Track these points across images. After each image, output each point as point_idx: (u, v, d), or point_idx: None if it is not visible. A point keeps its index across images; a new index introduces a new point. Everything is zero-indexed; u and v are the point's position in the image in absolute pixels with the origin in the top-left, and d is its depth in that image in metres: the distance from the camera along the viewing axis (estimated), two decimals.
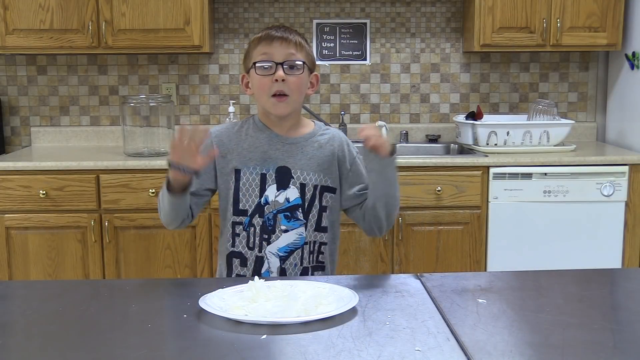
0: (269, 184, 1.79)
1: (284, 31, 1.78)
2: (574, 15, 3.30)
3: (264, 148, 1.81)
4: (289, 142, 1.82)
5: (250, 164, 1.80)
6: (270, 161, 1.80)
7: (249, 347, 1.22)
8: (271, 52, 1.75)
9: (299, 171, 1.80)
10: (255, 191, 1.79)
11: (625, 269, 2.85)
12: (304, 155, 1.81)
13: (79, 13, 3.20)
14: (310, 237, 1.82)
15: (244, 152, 1.81)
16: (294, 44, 1.77)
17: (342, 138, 1.89)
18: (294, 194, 1.80)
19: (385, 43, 3.64)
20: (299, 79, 1.77)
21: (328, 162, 1.83)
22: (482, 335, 1.27)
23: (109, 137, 3.63)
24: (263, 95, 1.77)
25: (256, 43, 1.78)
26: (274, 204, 1.79)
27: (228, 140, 1.83)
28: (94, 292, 1.59)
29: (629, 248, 3.12)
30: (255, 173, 1.79)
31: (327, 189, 1.83)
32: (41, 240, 3.04)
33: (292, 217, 1.80)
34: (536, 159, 3.07)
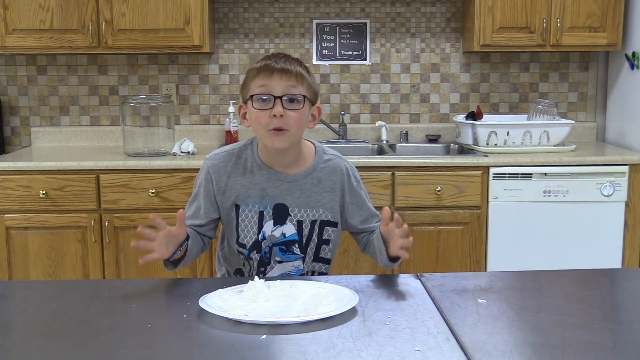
0: (266, 220, 1.77)
1: (285, 62, 1.68)
2: (574, 15, 3.30)
3: (262, 185, 1.77)
4: (287, 180, 1.77)
5: (249, 201, 1.77)
6: (268, 198, 1.77)
7: (249, 347, 1.22)
8: (270, 84, 1.66)
9: (297, 209, 1.77)
10: (254, 228, 1.78)
11: (625, 269, 2.85)
12: (302, 193, 1.77)
13: (79, 13, 3.20)
14: (308, 268, 1.83)
15: (243, 189, 1.77)
16: (295, 75, 1.67)
17: (343, 169, 1.83)
18: (290, 230, 1.78)
19: (385, 43, 3.64)
20: (299, 114, 1.68)
21: (328, 197, 1.80)
22: (482, 335, 1.27)
23: (109, 137, 3.63)
24: (260, 129, 1.69)
25: (254, 74, 1.69)
26: (270, 238, 1.78)
27: (226, 176, 1.79)
28: (94, 292, 1.59)
29: (629, 248, 3.11)
30: (254, 211, 1.77)
31: (328, 223, 1.81)
32: (41, 240, 3.04)
33: (287, 251, 1.79)
34: (536, 159, 3.07)
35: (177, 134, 3.46)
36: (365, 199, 1.86)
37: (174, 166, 3.03)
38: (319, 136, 3.62)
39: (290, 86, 1.67)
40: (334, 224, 1.82)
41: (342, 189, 1.82)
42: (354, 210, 1.83)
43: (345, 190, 1.82)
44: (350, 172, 1.84)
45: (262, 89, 1.67)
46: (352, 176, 1.84)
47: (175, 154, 3.21)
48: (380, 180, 3.04)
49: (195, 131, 3.63)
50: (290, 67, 1.67)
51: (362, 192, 1.86)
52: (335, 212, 1.81)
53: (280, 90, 1.66)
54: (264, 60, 1.70)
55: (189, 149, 3.22)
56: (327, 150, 1.84)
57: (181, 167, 3.02)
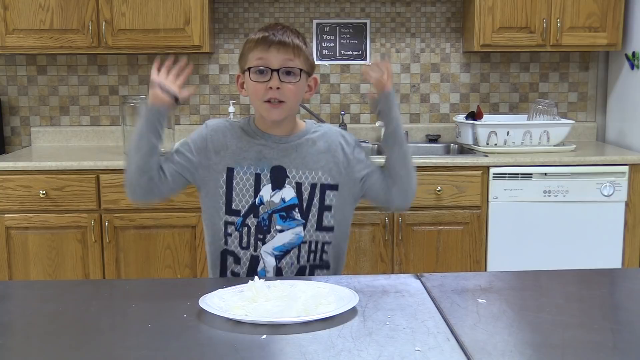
0: (263, 184, 1.76)
1: (282, 34, 1.71)
2: (574, 15, 3.30)
3: (258, 148, 1.78)
4: (283, 141, 1.79)
5: (244, 163, 1.77)
6: (265, 161, 1.77)
7: (249, 347, 1.22)
8: (267, 57, 1.70)
9: (294, 170, 1.77)
10: (250, 191, 1.76)
11: (625, 269, 2.85)
12: (298, 154, 1.79)
13: (79, 13, 3.20)
14: (310, 237, 1.79)
15: (238, 151, 1.78)
16: (292, 48, 1.70)
17: (336, 131, 1.87)
18: (289, 194, 1.77)
19: (385, 43, 3.64)
20: (295, 87, 1.72)
21: (325, 160, 1.80)
22: (482, 335, 1.27)
23: (109, 137, 3.63)
24: (257, 100, 1.74)
25: (252, 46, 1.72)
26: (269, 204, 1.76)
27: (223, 136, 1.80)
28: (94, 292, 1.59)
29: (629, 248, 3.12)
30: (250, 173, 1.76)
31: (328, 187, 1.80)
32: (41, 240, 3.04)
33: (287, 217, 1.77)
34: (536, 159, 3.07)
35: (177, 134, 3.46)
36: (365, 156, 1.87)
37: None
38: None
39: (287, 59, 1.70)
40: (334, 187, 1.80)
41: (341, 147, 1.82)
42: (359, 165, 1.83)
43: (344, 147, 1.83)
44: (343, 133, 1.88)
45: (260, 61, 1.70)
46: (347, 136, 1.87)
47: None
48: None
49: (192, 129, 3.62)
50: (287, 40, 1.70)
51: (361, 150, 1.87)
52: (335, 174, 1.80)
53: (277, 63, 1.70)
54: (262, 32, 1.73)
55: None
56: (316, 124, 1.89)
57: None
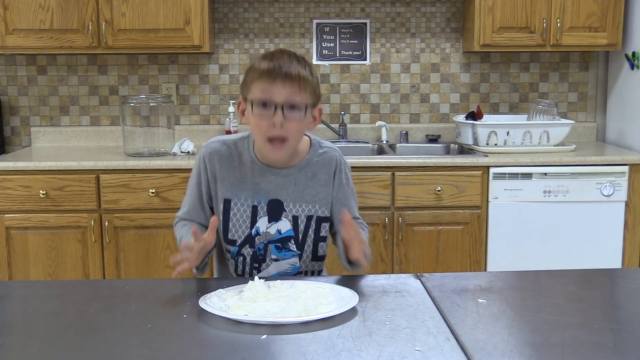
0: (260, 215, 1.74)
1: (289, 65, 1.61)
2: (574, 15, 3.30)
3: (256, 180, 1.74)
4: (282, 174, 1.74)
5: (241, 195, 1.74)
6: (262, 193, 1.74)
7: (249, 347, 1.22)
8: (272, 90, 1.60)
9: (292, 204, 1.75)
10: (246, 222, 1.75)
11: (625, 269, 2.85)
12: (296, 187, 1.75)
13: (79, 13, 3.20)
14: (305, 267, 1.81)
15: (235, 182, 1.74)
16: (298, 81, 1.61)
17: (337, 161, 1.80)
18: (286, 226, 1.75)
19: (385, 43, 3.64)
20: (299, 123, 1.64)
21: (322, 192, 1.77)
22: (482, 335, 1.27)
23: (109, 137, 3.63)
24: (259, 136, 1.66)
25: (257, 77, 1.62)
26: (265, 234, 1.75)
27: (220, 165, 1.76)
28: (94, 292, 1.59)
29: (629, 248, 3.11)
30: (247, 205, 1.74)
31: (323, 219, 1.78)
32: (41, 240, 3.04)
33: (283, 248, 1.77)
34: (536, 159, 3.07)
35: (177, 134, 3.46)
36: (351, 198, 1.82)
37: (174, 166, 3.03)
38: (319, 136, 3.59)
39: (293, 93, 1.61)
40: (328, 219, 1.79)
41: (333, 182, 1.79)
42: (337, 206, 1.79)
43: (335, 183, 1.79)
44: (342, 166, 1.81)
45: (264, 95, 1.61)
46: (343, 171, 1.81)
47: (175, 154, 3.21)
48: (380, 180, 3.04)
49: (195, 131, 3.63)
50: (293, 72, 1.60)
51: (348, 190, 1.82)
52: (329, 206, 1.79)
53: (282, 97, 1.61)
54: (267, 62, 1.62)
55: (189, 149, 3.22)
56: (322, 143, 1.82)
57: (181, 167, 3.02)
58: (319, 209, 1.77)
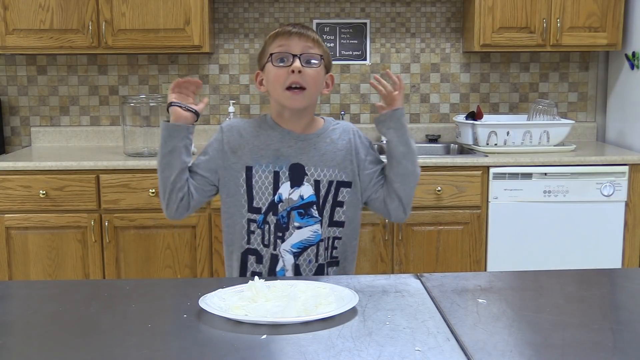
0: (282, 181, 1.77)
1: (301, 27, 1.78)
2: (574, 15, 3.30)
3: (276, 145, 1.78)
4: (302, 138, 1.80)
5: (262, 161, 1.77)
6: (283, 158, 1.77)
7: (249, 347, 1.22)
8: (289, 44, 1.74)
9: (313, 168, 1.78)
10: (269, 189, 1.77)
11: (625, 269, 2.85)
12: (317, 151, 1.79)
13: (79, 13, 3.20)
14: (325, 234, 1.81)
15: (256, 149, 1.79)
16: (312, 39, 1.76)
17: (354, 130, 1.89)
18: (308, 191, 1.78)
19: (385, 43, 3.64)
20: (316, 72, 1.75)
21: (342, 157, 1.81)
22: (482, 335, 1.27)
23: (109, 137, 3.64)
24: (278, 87, 1.74)
25: (273, 38, 1.77)
26: (288, 201, 1.77)
27: (239, 135, 1.82)
28: (94, 292, 1.59)
29: (629, 248, 3.12)
30: (268, 171, 1.77)
31: (343, 184, 1.81)
32: (41, 240, 3.04)
33: (305, 214, 1.78)
34: (536, 159, 3.07)
35: None
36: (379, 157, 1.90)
37: None
38: None
39: (308, 47, 1.75)
40: (348, 184, 1.81)
41: (357, 147, 1.85)
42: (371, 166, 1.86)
43: (359, 147, 1.85)
44: (360, 133, 1.91)
45: (282, 48, 1.74)
46: (362, 137, 1.90)
47: None
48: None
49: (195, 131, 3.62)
50: (307, 32, 1.76)
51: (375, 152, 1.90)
52: (350, 172, 1.82)
53: (299, 49, 1.74)
54: (282, 27, 1.79)
55: None
56: (335, 120, 1.91)
57: None
58: (339, 173, 1.80)
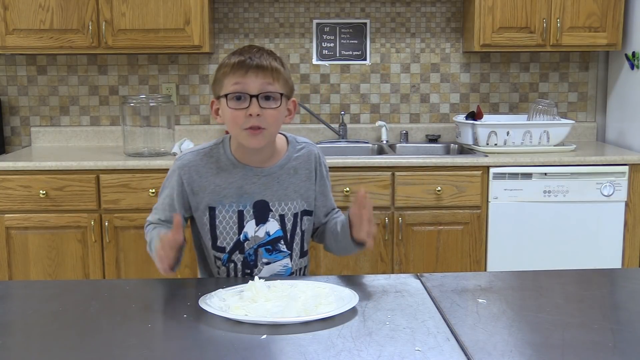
0: (247, 220, 1.71)
1: (259, 57, 1.61)
2: (574, 15, 3.30)
3: (238, 183, 1.70)
4: (264, 174, 1.72)
5: (225, 201, 1.70)
6: (247, 196, 1.70)
7: (249, 347, 1.22)
8: (245, 82, 1.59)
9: (277, 203, 1.72)
10: (234, 228, 1.71)
11: (625, 269, 2.85)
12: (280, 185, 1.73)
13: (79, 13, 3.20)
14: (295, 266, 1.78)
15: (218, 189, 1.70)
16: (270, 72, 1.60)
17: (316, 155, 1.80)
18: (274, 227, 1.72)
19: (385, 43, 3.64)
20: (276, 112, 1.63)
21: (305, 187, 1.76)
22: (482, 335, 1.27)
23: (109, 137, 3.64)
24: (236, 127, 1.63)
25: (228, 70, 1.61)
26: (254, 239, 1.72)
27: (198, 176, 1.72)
28: (94, 292, 1.59)
29: (629, 248, 3.11)
30: (232, 211, 1.70)
31: (305, 212, 1.77)
32: (41, 240, 3.04)
33: (274, 250, 1.74)
34: (536, 159, 3.07)
35: (177, 134, 3.46)
36: (330, 190, 1.83)
37: None
38: (319, 136, 3.62)
39: (266, 83, 1.61)
40: (309, 213, 1.78)
41: (315, 176, 1.79)
42: (320, 199, 1.80)
43: (317, 177, 1.79)
44: (321, 159, 1.81)
45: (237, 86, 1.61)
46: (323, 164, 1.81)
47: (176, 154, 3.21)
48: (380, 180, 3.04)
49: (195, 131, 3.63)
50: (265, 63, 1.60)
51: (328, 183, 1.83)
52: (310, 200, 1.78)
53: (256, 88, 1.60)
54: (237, 56, 1.62)
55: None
56: (298, 139, 1.81)
57: None
58: (302, 202, 1.76)
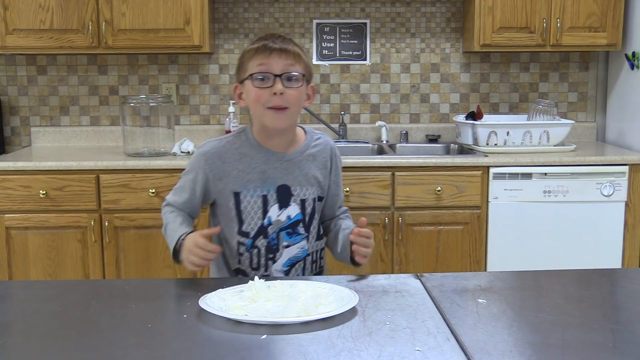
0: (270, 204, 1.76)
1: (282, 42, 1.70)
2: (574, 15, 3.30)
3: (261, 168, 1.76)
4: (286, 159, 1.78)
5: (250, 185, 1.75)
6: (270, 181, 1.76)
7: (249, 347, 1.22)
8: (269, 63, 1.68)
9: (298, 188, 1.78)
10: (258, 213, 1.76)
11: (625, 269, 2.85)
12: (300, 171, 1.79)
13: (79, 13, 3.20)
14: (312, 248, 1.84)
15: (242, 174, 1.76)
16: (293, 55, 1.69)
17: (332, 148, 1.88)
18: (295, 211, 1.78)
19: (385, 43, 3.64)
20: (298, 92, 1.71)
21: (321, 175, 1.83)
22: (482, 335, 1.27)
23: (109, 137, 3.63)
24: (259, 107, 1.70)
25: (252, 54, 1.70)
26: (277, 223, 1.77)
27: (222, 162, 1.77)
28: (94, 292, 1.59)
29: (629, 248, 3.11)
30: (257, 195, 1.75)
31: (319, 198, 1.84)
32: (41, 240, 3.04)
33: (293, 233, 1.79)
34: (536, 159, 3.07)
35: (177, 134, 3.46)
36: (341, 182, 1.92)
37: (174, 166, 3.03)
38: None
39: (289, 65, 1.69)
40: (322, 199, 1.85)
41: (330, 166, 1.86)
42: (334, 189, 1.88)
43: (332, 166, 1.86)
44: (336, 151, 1.90)
45: (261, 67, 1.68)
46: (338, 156, 1.90)
47: (175, 154, 3.21)
48: (380, 180, 3.04)
49: (195, 131, 3.63)
50: (287, 47, 1.70)
51: (340, 175, 1.91)
52: (324, 188, 1.85)
53: (279, 68, 1.68)
54: (260, 41, 1.71)
55: (189, 149, 3.22)
56: (315, 132, 1.89)
57: (181, 167, 3.00)
58: (318, 189, 1.82)
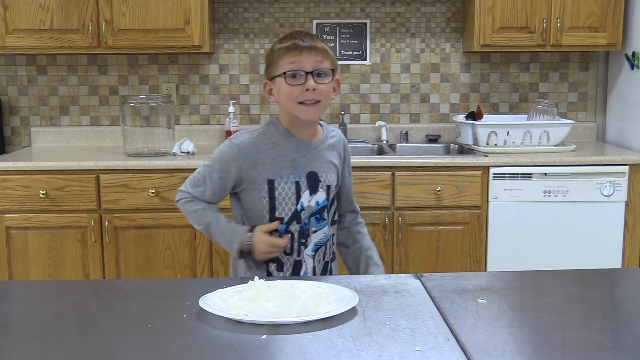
0: (302, 190, 1.85)
1: (310, 39, 1.80)
2: (574, 15, 3.30)
3: (292, 156, 1.85)
4: (312, 147, 1.88)
5: (283, 173, 1.84)
6: (300, 168, 1.85)
7: (249, 347, 1.22)
8: (300, 60, 1.77)
9: (324, 175, 1.88)
10: (292, 199, 1.84)
11: (625, 269, 2.85)
12: (324, 159, 1.89)
13: (79, 13, 3.20)
14: (330, 232, 1.93)
15: (274, 162, 1.84)
16: (322, 51, 1.79)
17: (344, 140, 1.99)
18: (322, 197, 1.88)
19: (385, 43, 3.64)
20: (328, 86, 1.81)
21: (339, 164, 1.94)
22: (482, 335, 1.27)
23: (109, 137, 3.63)
24: (291, 102, 1.79)
25: (283, 52, 1.79)
26: (308, 208, 1.86)
27: (256, 151, 1.85)
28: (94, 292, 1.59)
29: (629, 248, 3.12)
30: (290, 182, 1.84)
31: (335, 186, 1.94)
32: (41, 240, 3.04)
33: (320, 218, 1.89)
34: (536, 159, 3.07)
35: (177, 134, 3.46)
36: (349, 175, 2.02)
37: (174, 166, 3.03)
38: None
39: (319, 61, 1.78)
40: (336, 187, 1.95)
41: (344, 155, 1.98)
42: (347, 178, 1.99)
43: (345, 157, 1.98)
44: (347, 143, 2.02)
45: (294, 65, 1.77)
46: (348, 147, 2.01)
47: (175, 154, 3.21)
48: (380, 180, 3.04)
49: (195, 131, 3.63)
50: (316, 44, 1.79)
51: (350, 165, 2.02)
52: (339, 176, 1.96)
53: (310, 65, 1.77)
54: (289, 40, 1.80)
55: (189, 149, 3.22)
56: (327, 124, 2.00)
57: (181, 167, 3.02)
58: (337, 177, 1.94)
